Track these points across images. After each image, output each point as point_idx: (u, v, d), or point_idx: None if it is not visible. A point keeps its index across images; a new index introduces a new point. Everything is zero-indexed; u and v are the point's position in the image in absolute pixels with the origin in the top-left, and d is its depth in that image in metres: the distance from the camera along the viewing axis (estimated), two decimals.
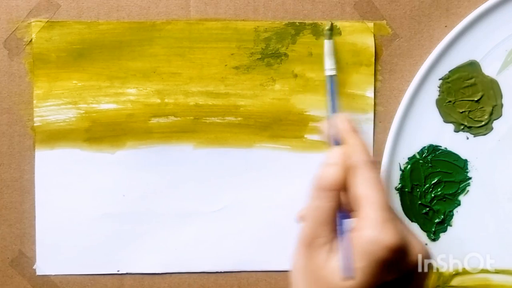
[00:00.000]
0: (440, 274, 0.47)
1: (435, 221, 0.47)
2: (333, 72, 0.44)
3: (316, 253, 0.36)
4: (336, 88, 0.44)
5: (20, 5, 0.45)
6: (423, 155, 0.47)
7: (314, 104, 0.46)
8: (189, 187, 0.47)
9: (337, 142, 0.40)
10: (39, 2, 0.46)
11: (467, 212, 0.47)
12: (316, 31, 0.46)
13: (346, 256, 0.35)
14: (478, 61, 0.46)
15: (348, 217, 0.38)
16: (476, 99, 0.46)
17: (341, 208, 0.38)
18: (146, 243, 0.47)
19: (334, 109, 0.43)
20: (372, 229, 0.35)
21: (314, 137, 0.47)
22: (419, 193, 0.47)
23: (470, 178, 0.47)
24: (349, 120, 0.41)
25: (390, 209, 0.36)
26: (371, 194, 0.36)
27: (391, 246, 0.35)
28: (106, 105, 0.46)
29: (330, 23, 0.46)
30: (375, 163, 0.38)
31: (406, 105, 0.46)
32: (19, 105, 0.46)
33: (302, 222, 0.38)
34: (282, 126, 0.47)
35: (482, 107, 0.47)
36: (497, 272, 0.47)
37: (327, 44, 0.45)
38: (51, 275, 0.47)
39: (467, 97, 0.46)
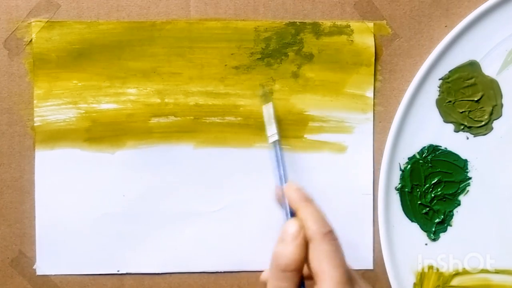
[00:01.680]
0: (440, 274, 0.47)
1: (435, 221, 0.47)
2: (275, 138, 0.44)
3: None
4: (281, 154, 0.43)
5: (20, 5, 0.45)
6: (423, 155, 0.47)
7: (314, 104, 0.46)
8: (189, 187, 0.47)
9: (292, 213, 0.39)
10: (39, 2, 0.46)
11: (467, 212, 0.47)
12: (316, 31, 0.46)
13: None
14: (478, 61, 0.46)
15: None
16: (476, 99, 0.46)
17: (304, 283, 0.37)
18: (146, 243, 0.47)
19: (282, 179, 0.42)
20: None
21: (314, 137, 0.47)
22: (419, 193, 0.47)
23: (470, 178, 0.47)
24: (298, 189, 0.40)
25: (347, 283, 0.35)
26: (327, 269, 0.36)
27: None
28: (106, 105, 0.46)
29: (263, 88, 0.45)
30: (331, 232, 0.37)
31: (406, 105, 0.46)
32: (19, 105, 0.46)
33: None
34: (282, 126, 0.47)
35: (482, 107, 0.47)
36: (497, 272, 0.47)
37: (265, 109, 0.45)
38: (51, 275, 0.47)
39: (467, 97, 0.46)
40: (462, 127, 0.47)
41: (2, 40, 0.46)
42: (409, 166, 0.47)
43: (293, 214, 0.40)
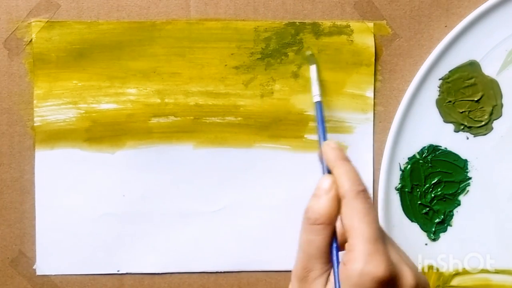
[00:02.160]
0: (440, 274, 0.47)
1: (435, 221, 0.47)
2: (319, 98, 0.44)
3: (310, 287, 0.36)
4: (323, 114, 0.43)
5: (20, 5, 0.45)
6: (423, 155, 0.47)
7: (314, 104, 0.46)
8: (189, 187, 0.47)
9: (329, 170, 0.40)
10: (39, 2, 0.46)
11: (467, 212, 0.47)
12: (316, 31, 0.46)
13: None
14: (478, 61, 0.46)
15: (339, 249, 0.37)
16: (476, 99, 0.46)
17: (336, 238, 0.37)
18: (146, 243, 0.47)
19: (323, 137, 0.42)
20: (359, 262, 0.35)
21: (314, 137, 0.47)
22: (419, 193, 0.47)
23: (470, 178, 0.47)
24: (338, 148, 0.40)
25: (379, 240, 0.36)
26: (359, 226, 0.36)
27: (380, 278, 0.34)
28: (106, 105, 0.46)
29: (311, 52, 0.46)
30: (365, 191, 0.37)
31: (406, 105, 0.46)
32: (19, 105, 0.46)
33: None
34: (282, 126, 0.47)
35: (482, 107, 0.47)
36: (497, 272, 0.47)
37: (312, 69, 0.45)
38: (51, 275, 0.47)
39: (467, 97, 0.46)
40: (462, 127, 0.47)
41: (2, 40, 0.46)
42: (409, 166, 0.47)
43: (329, 171, 0.40)
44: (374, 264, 0.35)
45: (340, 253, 0.37)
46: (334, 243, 0.37)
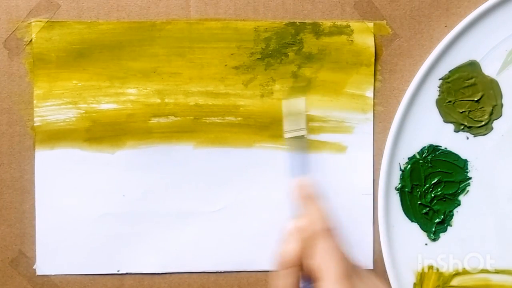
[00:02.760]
0: (440, 274, 0.47)
1: (435, 221, 0.47)
2: (304, 132, 0.45)
3: None
4: (301, 151, 0.44)
5: (20, 5, 0.45)
6: (423, 155, 0.47)
7: (314, 104, 0.46)
8: (189, 187, 0.47)
9: (294, 210, 0.41)
10: (39, 2, 0.46)
11: (467, 212, 0.47)
12: (316, 31, 0.46)
13: None
14: (478, 61, 0.46)
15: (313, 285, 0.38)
16: (476, 99, 0.46)
17: (305, 277, 0.38)
18: (146, 243, 0.47)
19: (298, 172, 0.43)
20: None
21: (314, 137, 0.47)
22: (419, 193, 0.47)
23: (470, 178, 0.47)
24: (305, 186, 0.41)
25: (348, 277, 0.37)
26: (328, 266, 0.37)
27: None
28: (106, 105, 0.46)
29: (302, 83, 0.46)
30: (332, 230, 0.39)
31: (406, 105, 0.46)
32: (19, 105, 0.46)
33: None
34: (282, 126, 0.46)
35: (482, 107, 0.47)
36: (497, 272, 0.47)
37: (299, 102, 0.45)
38: (51, 275, 0.47)
39: (467, 97, 0.46)
40: (462, 127, 0.47)
41: (2, 40, 0.46)
42: (409, 166, 0.47)
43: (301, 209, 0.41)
44: None
45: None
46: (308, 283, 0.38)
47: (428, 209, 0.47)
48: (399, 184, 0.47)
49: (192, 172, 0.47)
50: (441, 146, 0.47)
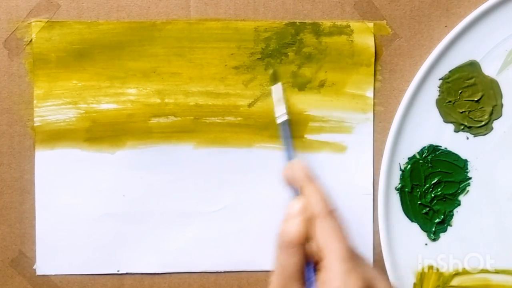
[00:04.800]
0: (440, 274, 0.47)
1: (435, 221, 0.47)
2: (285, 118, 0.44)
3: None
4: (290, 134, 0.44)
5: (20, 5, 0.45)
6: (423, 155, 0.47)
7: (314, 104, 0.46)
8: (189, 187, 0.47)
9: (296, 191, 0.41)
10: (39, 2, 0.46)
11: (467, 212, 0.47)
12: (316, 31, 0.46)
13: None
14: (478, 61, 0.46)
15: (314, 268, 0.38)
16: (476, 99, 0.46)
17: (308, 260, 0.38)
18: (146, 243, 0.47)
19: (289, 157, 0.43)
20: (337, 281, 0.36)
21: (314, 137, 0.47)
22: (419, 193, 0.47)
23: (470, 178, 0.47)
24: (304, 168, 0.41)
25: (352, 257, 0.37)
26: (332, 245, 0.37)
27: None
28: (106, 105, 0.46)
29: (273, 70, 0.46)
30: (335, 211, 0.39)
31: (406, 105, 0.46)
32: (19, 105, 0.46)
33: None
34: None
35: (482, 107, 0.47)
36: (497, 272, 0.47)
37: (274, 89, 0.45)
38: (51, 275, 0.47)
39: (467, 97, 0.46)
40: (462, 127, 0.47)
41: (2, 40, 0.46)
42: (409, 166, 0.47)
43: (297, 192, 0.41)
44: (352, 282, 0.36)
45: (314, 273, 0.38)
46: (308, 264, 0.38)
47: (428, 209, 0.47)
48: (399, 184, 0.47)
49: (192, 172, 0.47)
50: (441, 146, 0.47)
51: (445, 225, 0.47)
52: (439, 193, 0.47)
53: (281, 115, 0.45)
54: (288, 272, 0.37)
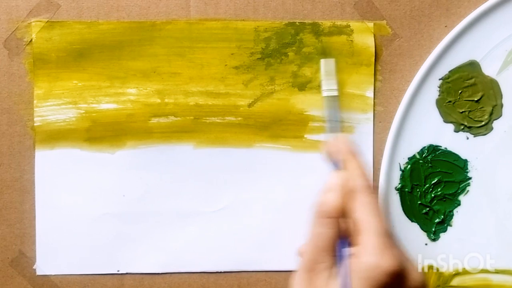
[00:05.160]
0: (440, 274, 0.47)
1: (435, 221, 0.47)
2: (335, 93, 0.45)
3: (316, 278, 0.37)
4: (338, 108, 0.44)
5: (20, 5, 0.45)
6: (423, 155, 0.47)
7: (314, 104, 0.46)
8: (189, 187, 0.47)
9: (337, 165, 0.41)
10: (39, 2, 0.46)
11: (467, 212, 0.47)
12: (316, 31, 0.46)
13: (345, 282, 0.36)
14: (478, 61, 0.46)
15: (347, 243, 0.38)
16: (476, 99, 0.46)
17: (340, 234, 0.38)
18: (146, 243, 0.47)
19: (333, 130, 0.43)
20: (372, 255, 0.36)
21: (314, 137, 0.47)
22: (419, 193, 0.47)
23: (470, 178, 0.47)
24: (348, 142, 0.41)
25: (388, 235, 0.37)
26: (370, 220, 0.37)
27: (390, 272, 0.35)
28: (106, 105, 0.46)
29: (323, 43, 0.46)
30: (373, 187, 0.39)
31: (406, 105, 0.46)
32: (19, 105, 0.46)
33: (300, 257, 0.38)
34: (282, 126, 0.47)
35: (482, 107, 0.47)
36: (497, 272, 0.47)
37: (325, 62, 0.45)
38: (51, 275, 0.47)
39: (467, 97, 0.46)
40: (462, 127, 0.47)
41: (2, 40, 0.46)
42: (409, 166, 0.47)
43: (337, 166, 0.41)
44: (387, 258, 0.36)
45: (346, 248, 0.38)
46: (342, 240, 0.38)
47: (428, 209, 0.47)
48: (399, 184, 0.47)
49: (192, 172, 0.47)
50: (441, 146, 0.47)
51: (445, 225, 0.47)
52: (439, 193, 0.47)
53: (330, 89, 0.45)
54: (321, 243, 0.37)
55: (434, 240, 0.47)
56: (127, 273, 0.47)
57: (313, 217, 0.38)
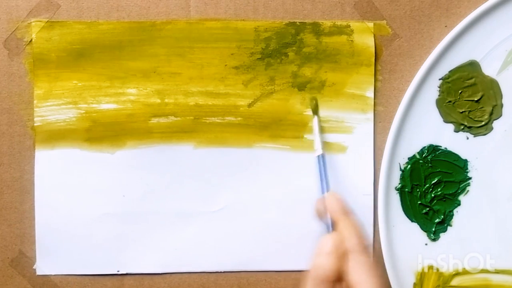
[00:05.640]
0: (440, 274, 0.47)
1: (435, 221, 0.47)
2: (319, 152, 0.45)
3: None
4: (325, 168, 0.44)
5: (20, 5, 0.45)
6: (423, 155, 0.47)
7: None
8: (189, 187, 0.47)
9: (328, 225, 0.40)
10: (39, 2, 0.46)
11: (467, 212, 0.47)
12: (316, 31, 0.46)
13: None
14: (478, 61, 0.46)
15: None
16: (476, 99, 0.46)
17: None
18: (146, 243, 0.47)
19: (323, 190, 0.43)
20: None
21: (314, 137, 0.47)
22: (419, 193, 0.47)
23: (470, 178, 0.47)
24: (339, 201, 0.41)
25: None
26: (366, 280, 0.36)
27: None
28: (106, 105, 0.46)
29: (314, 98, 0.46)
30: (366, 246, 0.38)
31: (406, 105, 0.46)
32: (19, 105, 0.46)
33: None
34: (282, 126, 0.47)
35: (482, 107, 0.47)
36: (497, 272, 0.47)
37: (314, 121, 0.46)
38: (51, 275, 0.47)
39: (467, 97, 0.46)
40: (462, 127, 0.47)
41: (2, 40, 0.46)
42: (409, 166, 0.47)
43: (331, 226, 0.40)
44: None
45: None
46: None
47: (428, 209, 0.47)
48: (399, 184, 0.47)
49: (192, 172, 0.47)
50: (441, 146, 0.47)
51: (445, 225, 0.47)
52: (439, 193, 0.47)
53: (317, 148, 0.45)
54: None
55: (434, 240, 0.47)
56: (127, 273, 0.47)
57: (308, 280, 0.38)
